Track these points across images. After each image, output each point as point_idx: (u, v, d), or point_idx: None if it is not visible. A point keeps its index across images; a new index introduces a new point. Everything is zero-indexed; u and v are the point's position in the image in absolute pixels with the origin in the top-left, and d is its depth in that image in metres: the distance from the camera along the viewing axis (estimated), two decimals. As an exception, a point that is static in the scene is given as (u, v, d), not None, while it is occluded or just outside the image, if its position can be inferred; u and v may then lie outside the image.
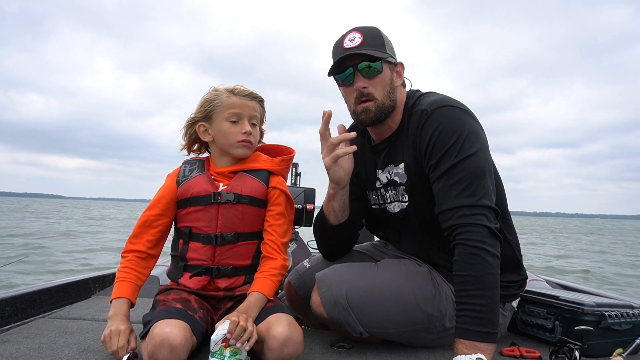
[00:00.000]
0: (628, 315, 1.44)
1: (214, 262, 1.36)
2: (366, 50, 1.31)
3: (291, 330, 1.16)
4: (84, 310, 1.82)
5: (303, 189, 2.45)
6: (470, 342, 1.13)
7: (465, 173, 1.23)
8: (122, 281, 1.32)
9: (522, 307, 1.61)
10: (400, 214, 1.45)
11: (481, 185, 1.23)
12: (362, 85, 1.34)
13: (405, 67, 1.43)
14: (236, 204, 1.36)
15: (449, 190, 1.24)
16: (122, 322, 1.22)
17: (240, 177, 1.40)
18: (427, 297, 1.35)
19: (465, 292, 1.16)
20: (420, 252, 1.49)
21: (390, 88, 1.37)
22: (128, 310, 1.29)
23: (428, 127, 1.30)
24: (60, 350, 1.30)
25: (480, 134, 1.30)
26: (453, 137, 1.25)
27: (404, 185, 1.41)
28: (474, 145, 1.26)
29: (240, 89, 1.40)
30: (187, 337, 1.11)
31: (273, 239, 1.38)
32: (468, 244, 1.18)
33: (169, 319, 1.14)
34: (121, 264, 1.35)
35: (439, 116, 1.30)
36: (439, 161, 1.27)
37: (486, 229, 1.19)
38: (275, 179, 1.43)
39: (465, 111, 1.31)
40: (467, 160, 1.24)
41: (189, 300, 1.30)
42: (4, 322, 1.60)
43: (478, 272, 1.16)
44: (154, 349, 1.07)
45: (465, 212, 1.20)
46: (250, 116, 1.39)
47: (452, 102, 1.33)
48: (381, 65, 1.33)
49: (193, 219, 1.37)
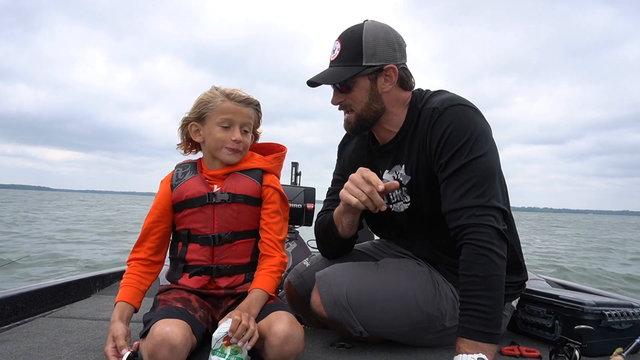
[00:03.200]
0: (628, 314, 1.44)
1: (213, 261, 1.37)
2: (337, 67, 1.34)
3: (292, 328, 1.16)
4: (84, 310, 1.82)
5: (303, 188, 2.45)
6: (473, 342, 1.12)
7: (475, 173, 1.22)
8: (124, 286, 1.34)
9: (522, 307, 1.61)
10: (404, 213, 1.44)
11: (491, 186, 1.22)
12: (336, 100, 1.39)
13: (397, 71, 1.36)
14: (231, 203, 1.37)
15: (458, 189, 1.23)
16: (118, 329, 1.22)
17: (234, 176, 1.41)
18: (427, 297, 1.35)
19: (471, 292, 1.16)
20: (421, 251, 1.48)
21: (371, 98, 1.36)
22: (127, 312, 1.29)
23: (439, 126, 1.29)
24: (60, 350, 1.30)
25: (490, 135, 1.30)
26: (464, 137, 1.24)
27: (405, 187, 1.41)
28: (485, 146, 1.25)
29: (237, 94, 1.39)
30: (187, 337, 1.11)
31: (270, 237, 1.39)
32: (476, 244, 1.17)
33: (169, 319, 1.14)
34: (126, 272, 1.38)
35: (450, 115, 1.28)
36: (449, 160, 1.25)
37: (495, 230, 1.18)
38: (269, 177, 1.44)
39: (476, 111, 1.31)
40: (478, 160, 1.23)
41: (189, 300, 1.31)
42: (4, 322, 1.60)
43: (485, 272, 1.15)
44: (154, 349, 1.07)
45: (475, 212, 1.19)
46: (242, 123, 1.39)
47: (463, 101, 1.32)
48: (350, 82, 1.34)
49: (190, 221, 1.38)
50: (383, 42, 1.34)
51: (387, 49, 1.34)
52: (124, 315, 1.27)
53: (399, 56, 1.37)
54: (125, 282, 1.34)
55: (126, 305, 1.30)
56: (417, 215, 1.42)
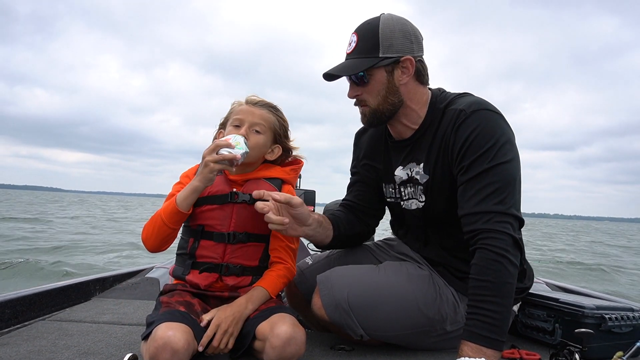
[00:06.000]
0: (628, 318, 1.44)
1: (224, 259, 1.38)
2: (354, 59, 1.32)
3: (294, 330, 1.17)
4: (84, 313, 1.82)
5: (303, 191, 2.46)
6: (477, 346, 1.12)
7: (497, 179, 1.22)
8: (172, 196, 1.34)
9: (522, 310, 1.61)
10: (416, 212, 1.44)
11: (511, 194, 1.22)
12: (352, 94, 1.37)
13: (414, 62, 1.33)
14: (251, 205, 1.38)
15: (478, 193, 1.22)
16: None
17: (256, 181, 1.44)
18: (428, 301, 1.35)
19: (481, 296, 1.16)
20: (429, 251, 1.48)
21: (388, 91, 1.34)
22: None
23: (465, 128, 1.28)
24: (60, 353, 1.30)
25: (514, 143, 1.29)
26: (490, 142, 1.24)
27: (422, 186, 1.40)
28: (509, 153, 1.25)
29: (251, 97, 1.46)
30: (189, 342, 1.11)
31: (283, 245, 1.41)
32: (492, 249, 1.17)
33: (172, 322, 1.14)
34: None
35: (477, 118, 1.27)
36: (472, 163, 1.25)
37: (510, 238, 1.18)
38: (287, 187, 1.47)
39: (502, 117, 1.30)
40: (501, 166, 1.23)
41: (192, 304, 1.31)
42: (4, 325, 1.59)
43: (497, 279, 1.15)
44: (156, 352, 1.07)
45: (493, 218, 1.19)
46: (252, 122, 1.40)
47: (490, 106, 1.31)
48: (367, 75, 1.33)
49: (207, 217, 1.39)
50: (400, 34, 1.32)
51: (404, 40, 1.33)
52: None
53: (415, 48, 1.35)
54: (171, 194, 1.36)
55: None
56: (430, 215, 1.42)
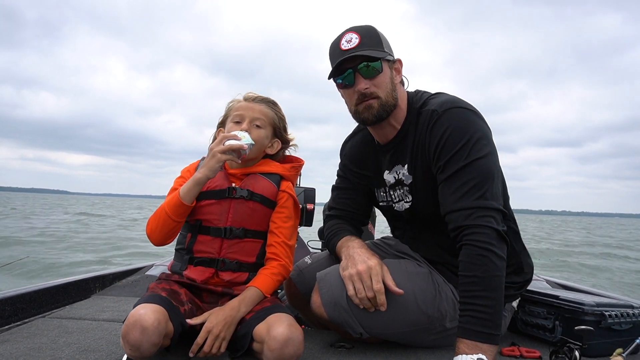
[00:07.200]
0: (628, 315, 1.44)
1: (220, 254, 1.38)
2: (364, 51, 1.30)
3: (292, 331, 1.16)
4: (83, 310, 1.82)
5: (303, 188, 2.45)
6: (473, 342, 1.13)
7: (474, 175, 1.23)
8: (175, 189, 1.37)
9: (522, 307, 1.61)
10: (406, 212, 1.46)
11: (490, 188, 1.23)
12: (363, 87, 1.33)
13: (403, 64, 1.42)
14: (248, 200, 1.40)
15: (457, 191, 1.23)
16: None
17: (253, 176, 1.45)
18: (427, 298, 1.35)
19: (470, 292, 1.17)
20: (425, 250, 1.49)
21: (392, 86, 1.36)
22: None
23: (438, 128, 1.29)
24: (60, 350, 1.30)
25: (490, 138, 1.30)
26: (463, 139, 1.25)
27: (407, 186, 1.41)
28: (484, 149, 1.26)
29: (249, 94, 1.48)
30: (159, 320, 1.11)
31: (279, 241, 1.41)
32: (475, 245, 1.18)
33: (147, 303, 1.16)
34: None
35: (449, 117, 1.29)
36: (447, 162, 1.26)
37: (494, 231, 1.19)
38: (286, 183, 1.48)
39: (475, 114, 1.31)
40: (477, 162, 1.24)
41: (178, 293, 1.31)
42: (4, 322, 1.60)
43: (484, 273, 1.16)
44: (127, 329, 1.09)
45: (474, 213, 1.20)
46: (252, 118, 1.43)
47: (463, 103, 1.32)
48: (381, 65, 1.33)
49: (205, 212, 1.39)
50: (386, 40, 1.39)
51: (390, 45, 1.39)
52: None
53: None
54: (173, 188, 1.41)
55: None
56: (419, 215, 1.43)
